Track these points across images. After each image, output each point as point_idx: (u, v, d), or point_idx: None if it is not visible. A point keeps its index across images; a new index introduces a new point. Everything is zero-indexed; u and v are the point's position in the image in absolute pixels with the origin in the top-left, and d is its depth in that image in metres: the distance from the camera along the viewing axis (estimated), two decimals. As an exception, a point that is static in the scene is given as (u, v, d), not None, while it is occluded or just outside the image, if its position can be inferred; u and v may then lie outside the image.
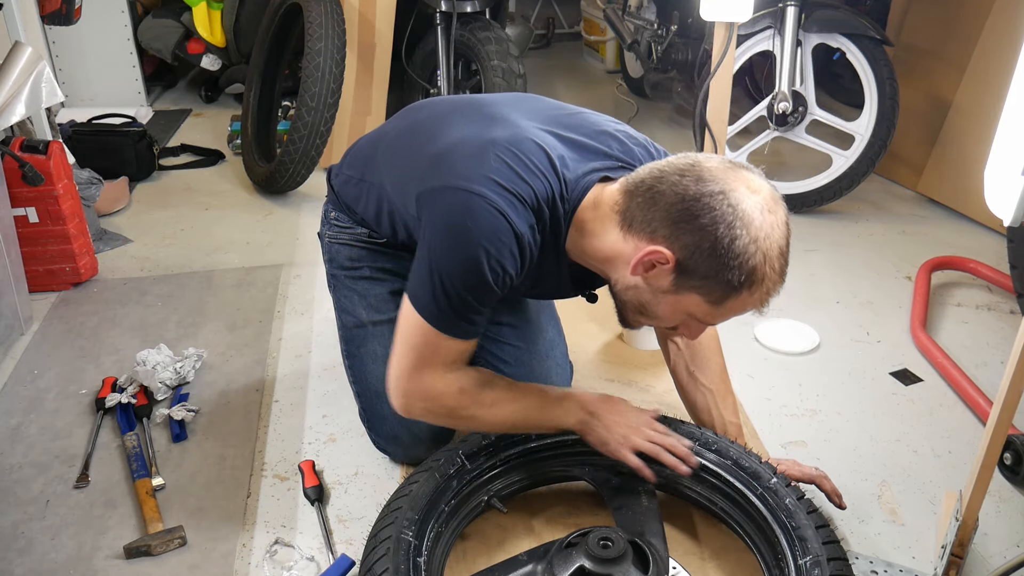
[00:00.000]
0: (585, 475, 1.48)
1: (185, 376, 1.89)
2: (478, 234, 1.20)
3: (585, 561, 1.21)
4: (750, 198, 1.15)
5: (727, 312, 1.22)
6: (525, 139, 1.28)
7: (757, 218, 1.14)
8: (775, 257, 1.17)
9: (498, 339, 1.68)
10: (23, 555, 1.44)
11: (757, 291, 1.18)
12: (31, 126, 2.38)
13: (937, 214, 2.91)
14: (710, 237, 1.13)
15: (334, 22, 2.72)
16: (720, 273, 1.15)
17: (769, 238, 1.15)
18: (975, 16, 2.84)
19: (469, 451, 1.43)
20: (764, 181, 1.19)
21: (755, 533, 1.35)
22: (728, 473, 1.39)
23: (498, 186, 1.21)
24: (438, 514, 1.34)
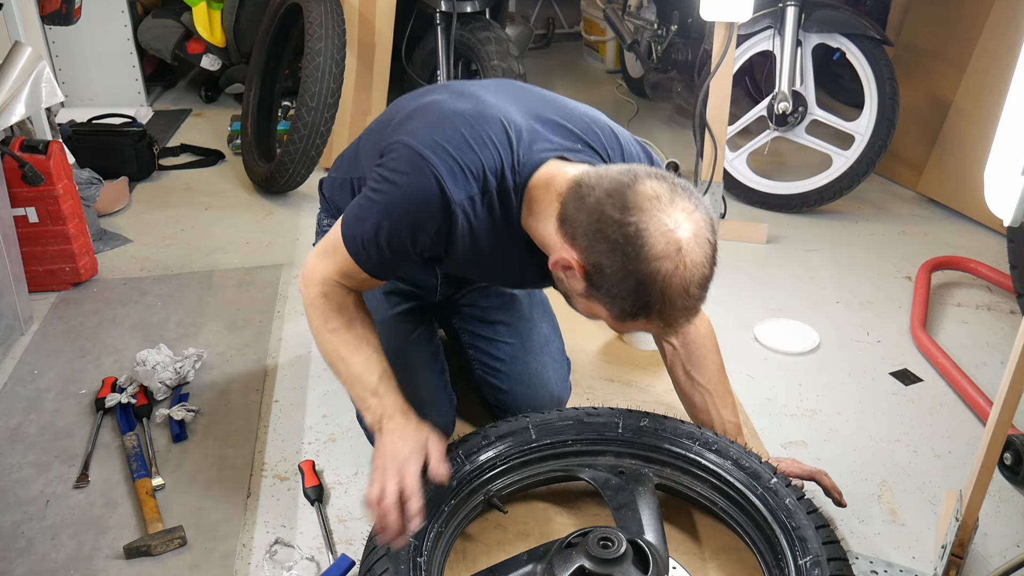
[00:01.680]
0: (585, 475, 1.47)
1: (185, 376, 1.89)
2: (411, 191, 1.24)
3: (585, 561, 1.21)
4: (668, 236, 1.10)
5: (631, 328, 1.23)
6: (486, 112, 1.29)
7: (665, 259, 1.10)
8: (676, 295, 1.12)
9: (493, 337, 1.68)
10: (23, 555, 1.44)
11: (656, 321, 1.16)
12: (31, 126, 2.38)
13: (937, 214, 2.91)
14: (614, 263, 1.12)
15: (334, 22, 2.72)
16: (619, 297, 1.15)
17: (674, 277, 1.11)
18: (975, 16, 2.84)
19: (469, 451, 1.43)
20: (700, 214, 1.14)
21: (755, 533, 1.35)
22: (728, 473, 1.39)
23: (445, 152, 1.23)
24: (438, 514, 1.34)
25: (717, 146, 2.60)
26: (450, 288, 1.70)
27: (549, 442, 1.47)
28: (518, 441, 1.46)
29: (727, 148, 2.75)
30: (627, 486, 1.43)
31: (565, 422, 1.50)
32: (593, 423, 1.50)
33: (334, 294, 1.37)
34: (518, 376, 1.66)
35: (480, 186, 1.26)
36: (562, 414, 1.52)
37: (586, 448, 1.47)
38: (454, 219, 1.26)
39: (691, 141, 2.87)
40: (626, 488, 1.42)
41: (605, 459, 1.47)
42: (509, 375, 1.66)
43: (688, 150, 3.10)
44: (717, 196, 2.65)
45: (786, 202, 2.89)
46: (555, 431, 1.48)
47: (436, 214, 1.25)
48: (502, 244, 1.33)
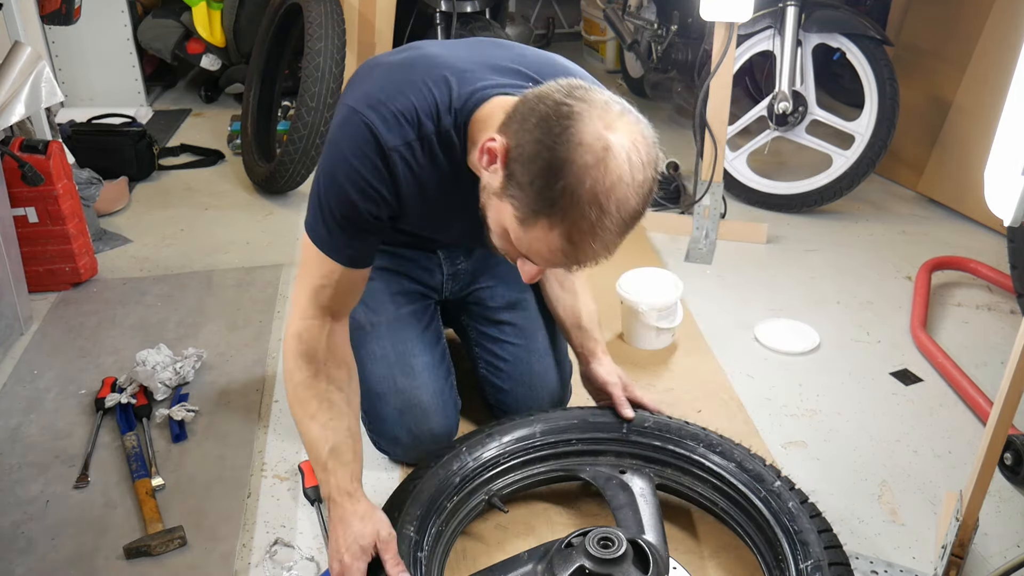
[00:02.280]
0: (587, 474, 1.48)
1: (185, 376, 1.89)
2: (346, 147, 1.22)
3: (585, 561, 1.21)
4: (600, 133, 1.02)
5: (533, 241, 1.09)
6: (420, 60, 1.27)
7: (586, 150, 1.01)
8: (586, 198, 1.02)
9: (498, 337, 1.68)
10: (23, 555, 1.44)
11: (558, 229, 1.05)
12: (31, 126, 2.38)
13: (937, 214, 2.91)
14: (535, 138, 1.03)
15: (334, 22, 2.72)
16: (527, 183, 1.04)
17: (587, 173, 1.01)
18: (975, 16, 2.84)
19: (473, 448, 1.43)
20: (645, 139, 1.06)
21: (757, 535, 1.35)
22: (731, 475, 1.39)
23: (376, 102, 1.21)
24: (439, 511, 1.34)
25: (717, 146, 2.60)
26: (457, 285, 1.70)
27: (553, 440, 1.48)
28: (521, 439, 1.46)
29: (727, 148, 2.75)
30: (629, 486, 1.43)
31: (569, 421, 1.50)
32: (597, 423, 1.50)
33: (307, 332, 1.33)
34: (520, 377, 1.66)
35: (416, 131, 1.22)
36: (567, 413, 1.53)
37: (588, 448, 1.47)
38: (393, 167, 1.22)
39: (691, 141, 2.87)
40: (628, 488, 1.42)
41: (608, 459, 1.47)
42: (511, 375, 1.66)
43: (688, 150, 3.10)
44: (717, 196, 2.65)
45: (786, 202, 2.89)
46: (559, 430, 1.49)
47: (374, 165, 1.21)
48: (450, 189, 1.29)
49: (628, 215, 1.05)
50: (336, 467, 1.29)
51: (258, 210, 2.88)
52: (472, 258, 1.69)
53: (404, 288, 1.65)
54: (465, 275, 1.70)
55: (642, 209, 1.08)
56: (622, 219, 1.05)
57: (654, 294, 2.01)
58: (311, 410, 1.31)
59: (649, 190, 1.07)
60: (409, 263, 1.66)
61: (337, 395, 1.33)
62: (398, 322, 1.61)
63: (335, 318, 1.35)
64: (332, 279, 1.31)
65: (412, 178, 1.25)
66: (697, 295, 2.34)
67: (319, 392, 1.32)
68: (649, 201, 1.08)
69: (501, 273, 1.71)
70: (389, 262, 1.65)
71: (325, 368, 1.33)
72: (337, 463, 1.29)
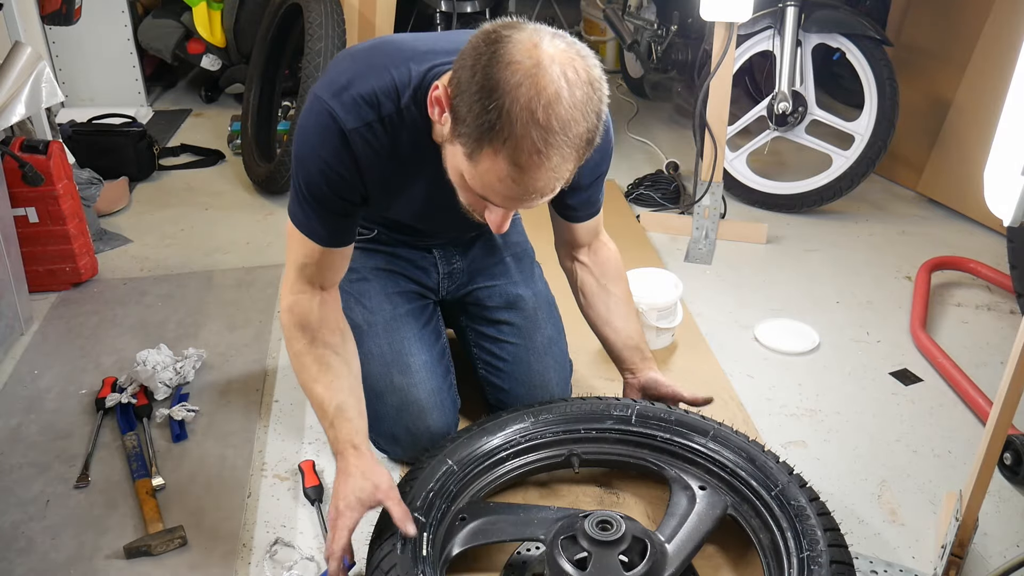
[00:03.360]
0: (669, 475, 1.47)
1: (185, 376, 1.89)
2: (310, 134, 1.27)
3: (578, 535, 1.24)
4: (530, 50, 1.02)
5: (483, 174, 1.09)
6: (387, 43, 1.31)
7: (516, 67, 1.01)
8: (522, 115, 1.01)
9: (497, 337, 1.69)
10: (23, 555, 1.44)
11: (503, 155, 1.04)
12: (31, 126, 2.38)
13: (937, 214, 2.91)
14: (469, 70, 1.04)
15: (334, 22, 2.72)
16: (468, 115, 1.04)
17: (519, 89, 1.00)
18: (975, 16, 2.83)
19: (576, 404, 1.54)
20: (578, 56, 1.05)
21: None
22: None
23: (338, 88, 1.24)
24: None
25: (717, 146, 2.60)
26: (453, 284, 1.70)
27: (647, 431, 1.51)
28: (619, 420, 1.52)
29: (727, 148, 2.75)
30: (695, 501, 1.41)
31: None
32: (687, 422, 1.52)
33: (298, 305, 1.39)
34: (520, 376, 1.66)
35: (376, 112, 1.24)
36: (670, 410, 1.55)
37: (679, 450, 1.48)
38: (355, 149, 1.26)
39: (691, 141, 2.87)
40: (693, 502, 1.41)
41: (695, 469, 1.47)
42: (511, 375, 1.66)
43: (688, 150, 3.10)
44: (717, 196, 2.65)
45: (786, 202, 2.89)
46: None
47: (336, 148, 1.25)
48: (415, 166, 1.32)
49: (573, 134, 1.04)
50: (341, 424, 1.34)
51: (258, 210, 2.88)
52: (468, 257, 1.70)
53: (401, 288, 1.65)
54: (461, 274, 1.70)
55: (590, 131, 1.07)
56: (568, 139, 1.04)
57: (654, 294, 2.01)
58: (313, 374, 1.37)
59: (595, 110, 1.06)
60: (405, 263, 1.66)
61: (334, 358, 1.39)
62: (395, 321, 1.61)
63: (324, 288, 1.41)
64: (314, 258, 1.37)
65: (375, 158, 1.28)
66: (697, 295, 2.34)
67: (317, 357, 1.38)
68: (598, 125, 1.08)
69: (498, 273, 1.71)
70: (385, 263, 1.65)
71: (320, 335, 1.39)
72: (342, 420, 1.35)
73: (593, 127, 1.07)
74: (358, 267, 1.65)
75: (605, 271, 1.65)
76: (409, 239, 1.64)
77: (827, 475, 1.66)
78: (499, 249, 1.73)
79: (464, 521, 1.36)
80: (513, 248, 1.75)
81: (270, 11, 3.13)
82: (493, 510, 1.39)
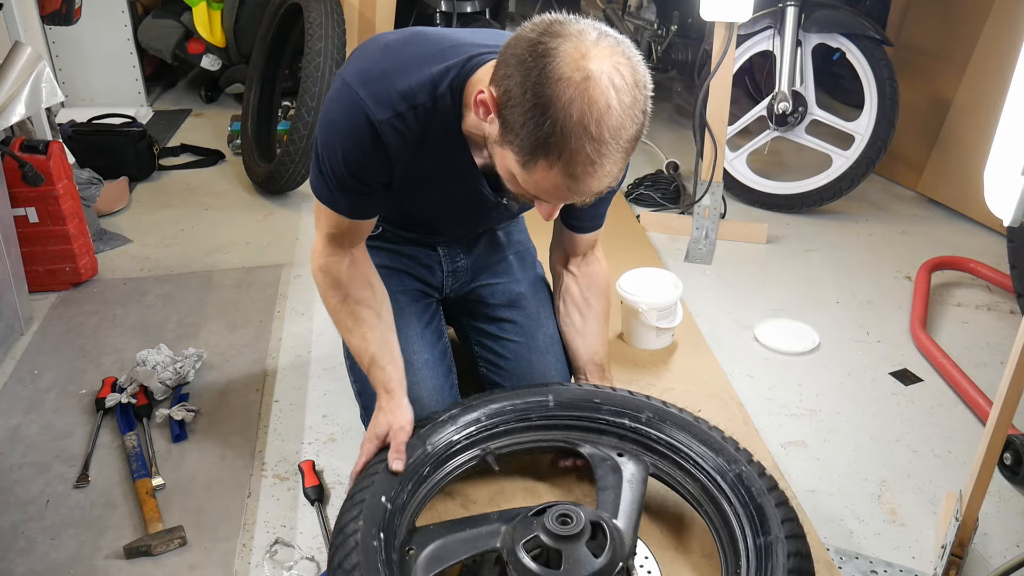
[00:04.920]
0: (585, 450, 1.49)
1: (185, 376, 1.89)
2: (338, 121, 1.28)
3: (541, 533, 1.23)
4: (577, 62, 1.03)
5: (538, 181, 1.11)
6: (420, 34, 1.31)
7: (567, 83, 1.02)
8: (576, 129, 1.03)
9: (499, 335, 1.69)
10: (23, 555, 1.44)
11: (558, 167, 1.07)
12: (31, 126, 2.38)
13: (937, 214, 2.91)
14: (518, 83, 1.05)
15: (334, 22, 2.72)
16: (520, 127, 1.06)
17: (572, 105, 1.02)
18: (975, 16, 2.84)
19: (478, 406, 1.50)
20: (625, 60, 1.06)
21: (715, 515, 1.36)
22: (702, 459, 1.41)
23: (369, 77, 1.25)
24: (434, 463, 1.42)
25: (717, 146, 2.60)
26: (457, 282, 1.70)
27: (558, 413, 1.51)
28: (528, 408, 1.51)
29: (727, 148, 2.75)
30: (621, 470, 1.44)
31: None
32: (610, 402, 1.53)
33: (329, 267, 1.45)
34: (521, 374, 1.66)
35: (408, 103, 1.25)
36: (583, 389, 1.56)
37: (591, 425, 1.50)
38: (384, 138, 1.26)
39: (691, 141, 2.88)
40: (618, 471, 1.44)
41: (610, 439, 1.49)
42: (512, 373, 1.66)
43: (688, 150, 3.10)
44: (717, 196, 2.65)
45: (786, 202, 2.89)
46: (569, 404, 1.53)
47: (364, 139, 1.26)
48: (444, 156, 1.32)
49: (624, 139, 1.07)
50: (375, 372, 1.46)
51: (258, 210, 2.88)
52: (472, 255, 1.70)
53: (405, 286, 1.65)
54: (465, 272, 1.70)
55: (638, 131, 1.09)
56: (619, 145, 1.07)
57: (654, 294, 2.01)
58: (348, 326, 1.47)
59: (642, 110, 1.08)
60: (409, 261, 1.66)
61: (366, 311, 1.47)
62: (398, 319, 1.61)
63: (353, 247, 1.47)
64: (342, 228, 1.41)
65: (405, 145, 1.29)
66: (697, 295, 2.34)
67: (351, 312, 1.46)
68: (645, 120, 1.10)
69: (501, 271, 1.72)
70: (390, 260, 1.65)
71: (352, 291, 1.46)
72: (376, 368, 1.46)
73: (640, 126, 1.09)
74: None
75: (591, 284, 1.68)
76: (415, 236, 1.65)
77: (827, 475, 1.66)
78: (502, 247, 1.73)
79: (413, 552, 1.30)
80: (516, 247, 1.76)
81: (270, 11, 3.13)
82: (436, 533, 1.33)
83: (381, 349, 1.46)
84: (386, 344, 1.47)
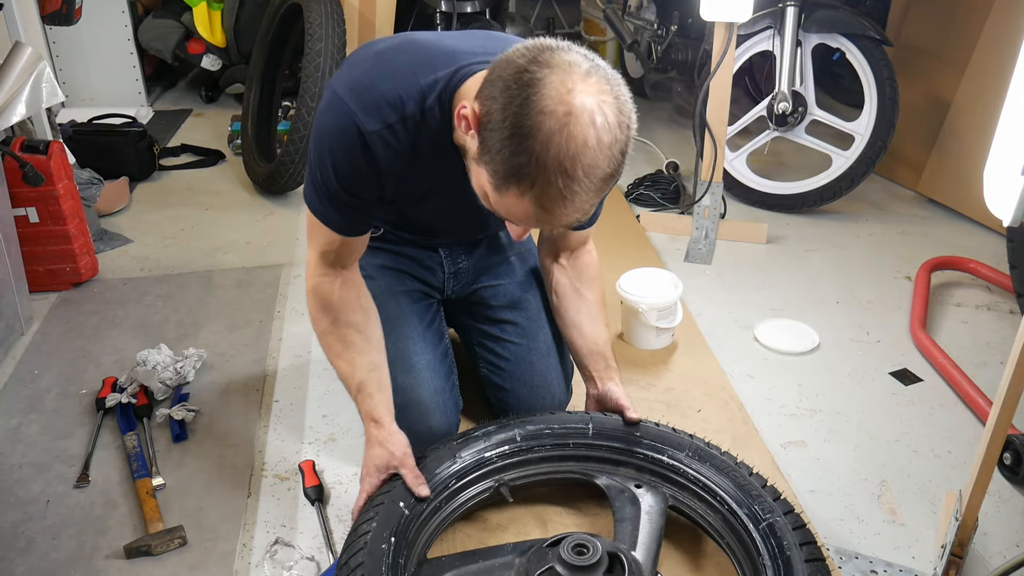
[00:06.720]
0: (601, 482, 1.47)
1: (185, 376, 1.89)
2: (328, 133, 1.28)
3: (557, 564, 1.20)
4: (562, 97, 1.01)
5: (509, 206, 1.11)
6: (411, 42, 1.30)
7: (549, 116, 1.01)
8: (552, 164, 1.02)
9: (500, 336, 1.69)
10: (23, 555, 1.44)
11: (529, 196, 1.06)
12: (31, 126, 2.38)
13: (937, 214, 2.91)
14: (500, 106, 1.04)
15: (334, 22, 2.72)
16: (496, 151, 1.06)
17: (551, 140, 1.01)
18: (975, 16, 2.84)
19: (492, 435, 1.47)
20: (612, 99, 1.05)
21: (737, 546, 1.33)
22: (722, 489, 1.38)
23: (360, 88, 1.25)
24: (443, 490, 1.38)
25: (717, 146, 2.60)
26: (458, 284, 1.70)
27: (573, 443, 1.48)
28: (542, 435, 1.49)
29: (727, 148, 2.75)
30: (638, 501, 1.41)
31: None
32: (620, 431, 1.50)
33: (320, 288, 1.44)
34: (522, 376, 1.66)
35: (398, 114, 1.25)
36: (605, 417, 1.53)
37: (608, 456, 1.47)
38: (374, 150, 1.26)
39: (691, 141, 2.87)
40: (637, 503, 1.41)
41: (628, 470, 1.46)
42: (513, 374, 1.66)
43: (688, 150, 3.10)
44: (717, 196, 2.65)
45: (786, 202, 2.89)
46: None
47: (355, 149, 1.26)
48: (438, 167, 1.32)
49: (597, 179, 1.06)
50: (363, 399, 1.43)
51: (258, 210, 2.88)
52: (473, 257, 1.70)
53: (407, 287, 1.65)
54: (466, 274, 1.70)
55: (613, 171, 1.08)
56: (591, 183, 1.06)
57: (654, 294, 2.01)
58: (337, 351, 1.45)
59: (620, 151, 1.08)
60: (411, 262, 1.66)
61: (356, 336, 1.45)
62: (400, 320, 1.61)
63: (345, 268, 1.45)
64: (334, 245, 1.40)
65: (395, 158, 1.29)
66: (697, 295, 2.35)
67: (340, 336, 1.44)
68: (622, 161, 1.09)
69: (503, 272, 1.72)
70: (391, 261, 1.65)
71: (342, 315, 1.44)
72: (363, 396, 1.43)
73: (617, 165, 1.09)
74: (364, 264, 1.65)
75: (581, 275, 1.65)
76: (416, 238, 1.65)
77: (827, 475, 1.66)
78: (504, 249, 1.73)
79: None
80: (518, 248, 1.75)
81: (270, 11, 3.13)
82: (448, 565, 1.31)
83: (369, 376, 1.43)
84: (375, 371, 1.44)
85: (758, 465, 1.46)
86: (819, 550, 1.26)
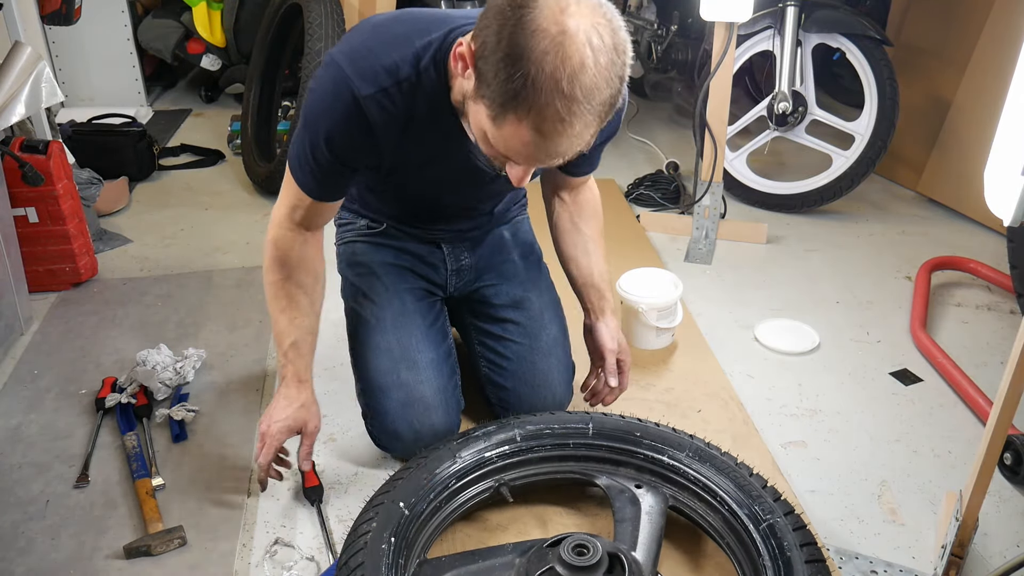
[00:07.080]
0: (602, 482, 1.47)
1: (185, 376, 1.89)
2: (323, 97, 1.28)
3: (557, 565, 1.20)
4: (556, 17, 1.01)
5: (507, 138, 1.09)
6: (408, 12, 1.32)
7: (542, 35, 1.00)
8: (547, 84, 1.00)
9: (502, 335, 1.68)
10: (23, 555, 1.44)
11: (527, 122, 1.05)
12: (31, 126, 2.38)
13: (937, 214, 2.91)
14: (494, 33, 1.03)
15: (334, 22, 2.72)
16: (492, 78, 1.05)
17: (545, 59, 1.00)
18: (975, 16, 2.84)
19: (491, 435, 1.47)
20: (606, 21, 1.04)
21: (737, 547, 1.33)
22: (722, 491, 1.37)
23: (357, 55, 1.26)
24: (443, 489, 1.39)
25: (717, 146, 2.60)
26: (461, 281, 1.70)
27: (573, 443, 1.48)
28: (543, 435, 1.48)
29: (727, 148, 2.75)
30: (638, 501, 1.41)
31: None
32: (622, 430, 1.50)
33: (282, 241, 1.46)
34: (523, 376, 1.66)
35: (393, 78, 1.25)
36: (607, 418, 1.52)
37: (608, 456, 1.47)
38: (368, 114, 1.26)
39: (691, 141, 2.87)
40: (636, 503, 1.40)
41: (628, 470, 1.46)
42: (515, 374, 1.66)
43: (688, 150, 3.10)
44: (717, 196, 2.65)
45: (786, 202, 2.89)
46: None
47: (347, 114, 1.26)
48: (435, 132, 1.32)
49: (597, 101, 1.05)
50: (295, 358, 1.47)
51: (258, 210, 2.88)
52: (476, 254, 1.70)
53: (410, 284, 1.65)
54: (469, 271, 1.70)
55: (613, 96, 1.07)
56: (591, 106, 1.04)
57: (654, 294, 2.01)
58: (281, 305, 1.47)
59: (619, 75, 1.06)
60: (414, 258, 1.66)
61: (303, 297, 1.47)
62: (403, 317, 1.61)
63: (309, 229, 1.47)
64: (303, 205, 1.42)
65: (391, 122, 1.29)
66: (697, 295, 2.34)
67: (288, 292, 1.47)
68: (621, 87, 1.08)
69: (506, 271, 1.72)
70: (394, 258, 1.65)
71: (295, 274, 1.46)
72: (296, 354, 1.47)
73: (616, 92, 1.07)
74: (367, 261, 1.66)
75: (581, 211, 1.65)
76: (418, 231, 1.64)
77: (827, 475, 1.66)
78: (508, 247, 1.73)
79: None
80: (521, 247, 1.76)
81: (270, 11, 3.13)
82: (448, 565, 1.30)
83: (305, 338, 1.48)
84: (311, 334, 1.49)
85: (758, 465, 1.46)
86: (819, 551, 1.25)
